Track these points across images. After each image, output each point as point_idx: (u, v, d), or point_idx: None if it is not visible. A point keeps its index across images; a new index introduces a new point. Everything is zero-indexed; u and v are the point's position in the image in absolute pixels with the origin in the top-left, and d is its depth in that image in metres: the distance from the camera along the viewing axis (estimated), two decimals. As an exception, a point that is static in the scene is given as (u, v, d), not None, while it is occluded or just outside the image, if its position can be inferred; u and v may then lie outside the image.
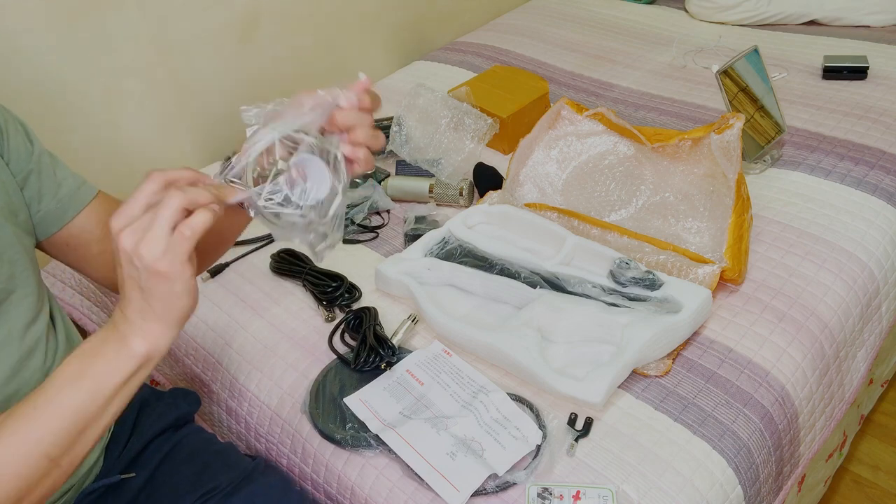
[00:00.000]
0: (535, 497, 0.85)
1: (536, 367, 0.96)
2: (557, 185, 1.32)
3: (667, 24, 1.98)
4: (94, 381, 0.62)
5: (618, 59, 1.84)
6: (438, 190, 1.36)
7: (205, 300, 1.23)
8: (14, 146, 0.80)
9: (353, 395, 1.00)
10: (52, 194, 0.83)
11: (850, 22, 1.84)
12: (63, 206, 0.84)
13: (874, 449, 1.55)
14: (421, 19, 2.07)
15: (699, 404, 0.96)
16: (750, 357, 1.01)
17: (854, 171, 1.33)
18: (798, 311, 1.08)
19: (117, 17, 1.43)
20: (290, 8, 1.72)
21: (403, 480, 0.91)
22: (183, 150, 1.63)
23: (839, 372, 1.10)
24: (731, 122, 1.15)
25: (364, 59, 1.95)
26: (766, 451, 0.95)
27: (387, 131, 1.49)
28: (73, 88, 1.42)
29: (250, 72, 1.69)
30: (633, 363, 0.97)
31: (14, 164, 0.80)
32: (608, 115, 1.28)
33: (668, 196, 1.23)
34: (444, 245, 1.21)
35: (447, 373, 1.01)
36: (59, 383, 0.62)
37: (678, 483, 0.86)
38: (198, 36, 1.58)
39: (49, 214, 0.83)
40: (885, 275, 1.18)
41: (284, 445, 1.02)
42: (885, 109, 1.49)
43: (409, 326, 1.07)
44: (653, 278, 1.06)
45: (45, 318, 0.81)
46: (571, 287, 1.09)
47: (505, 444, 0.90)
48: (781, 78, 1.64)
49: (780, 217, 1.24)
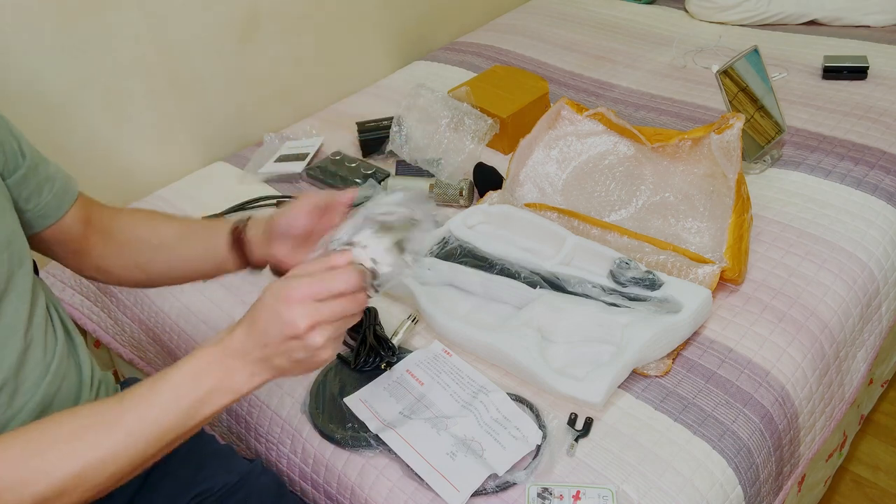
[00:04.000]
0: (535, 497, 0.85)
1: (536, 367, 0.96)
2: (557, 185, 1.32)
3: (667, 24, 1.98)
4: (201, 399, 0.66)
5: (618, 59, 1.84)
6: (438, 190, 1.36)
7: (205, 300, 1.23)
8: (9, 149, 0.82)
9: (353, 395, 1.00)
10: (49, 188, 0.84)
11: (850, 22, 1.84)
12: (58, 200, 0.86)
13: (874, 449, 1.55)
14: (421, 19, 2.07)
15: (699, 404, 0.96)
16: (750, 357, 1.01)
17: (854, 171, 1.33)
18: (798, 311, 1.08)
19: (117, 17, 1.43)
20: (290, 8, 1.72)
21: (403, 480, 0.91)
22: (183, 150, 1.63)
23: (839, 372, 1.10)
24: (731, 122, 1.15)
25: (364, 60, 1.95)
26: (766, 451, 0.95)
27: (387, 131, 1.49)
28: (73, 88, 1.42)
29: (250, 72, 1.69)
30: (633, 363, 0.97)
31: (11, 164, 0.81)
32: (608, 115, 1.28)
33: (668, 196, 1.23)
34: (444, 245, 1.21)
35: (447, 373, 1.01)
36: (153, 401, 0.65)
37: (678, 483, 0.86)
38: (198, 36, 1.58)
39: (48, 207, 0.84)
40: (885, 275, 1.18)
41: (284, 445, 1.02)
42: (885, 109, 1.49)
43: (409, 326, 1.07)
44: (653, 278, 1.06)
45: (43, 311, 0.82)
46: (571, 287, 1.09)
47: (505, 444, 0.90)
48: (781, 78, 1.64)
49: (780, 217, 1.24)
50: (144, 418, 0.65)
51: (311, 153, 1.55)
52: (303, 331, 0.65)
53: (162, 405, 0.65)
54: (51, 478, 0.62)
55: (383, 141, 1.51)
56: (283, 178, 1.51)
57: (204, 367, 0.67)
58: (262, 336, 0.67)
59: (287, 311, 0.65)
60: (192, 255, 0.91)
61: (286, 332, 0.65)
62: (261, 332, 0.67)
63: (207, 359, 0.67)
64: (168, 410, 0.65)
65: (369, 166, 1.48)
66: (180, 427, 0.66)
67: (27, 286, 0.79)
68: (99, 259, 0.91)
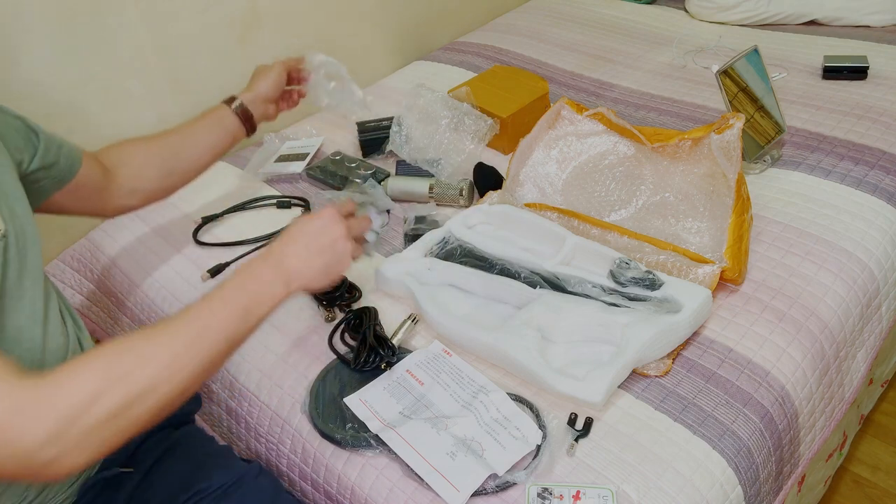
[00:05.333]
0: (535, 497, 0.85)
1: (536, 367, 0.96)
2: (557, 185, 1.32)
3: (667, 24, 1.98)
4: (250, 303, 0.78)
5: (618, 59, 1.84)
6: (438, 190, 1.36)
7: (205, 300, 1.23)
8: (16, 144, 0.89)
9: (353, 395, 1.00)
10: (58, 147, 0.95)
11: (850, 22, 1.84)
12: (70, 157, 0.97)
13: (874, 449, 1.55)
14: (421, 19, 2.07)
15: (699, 404, 0.96)
16: (750, 357, 1.01)
17: (854, 171, 1.33)
18: (798, 311, 1.08)
19: (117, 17, 1.43)
20: (290, 8, 1.72)
21: (403, 480, 0.91)
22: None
23: (839, 372, 1.10)
24: (731, 122, 1.15)
25: (364, 60, 1.95)
26: (766, 451, 0.95)
27: (387, 131, 1.49)
28: (73, 88, 1.42)
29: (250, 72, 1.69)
30: (633, 363, 0.97)
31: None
32: (608, 115, 1.28)
33: (668, 196, 1.23)
34: (444, 245, 1.21)
35: (447, 373, 1.01)
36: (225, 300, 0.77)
37: (678, 483, 0.86)
38: (198, 36, 1.58)
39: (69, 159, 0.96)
40: (885, 275, 1.18)
41: (284, 445, 1.02)
42: (885, 109, 1.49)
43: (409, 326, 1.07)
44: (653, 278, 1.06)
45: (56, 299, 0.87)
46: (571, 287, 1.09)
47: (505, 444, 0.90)
48: (781, 78, 1.64)
49: (780, 217, 1.24)
50: (204, 327, 0.74)
51: (311, 153, 1.55)
52: (342, 243, 0.86)
53: (216, 313, 0.75)
54: (147, 368, 0.68)
55: (383, 141, 1.51)
56: (284, 178, 1.51)
57: (246, 283, 0.79)
58: (297, 238, 0.85)
59: (319, 215, 0.87)
60: (211, 140, 1.15)
61: (324, 236, 0.86)
62: (295, 236, 0.85)
63: (249, 274, 0.80)
64: (223, 318, 0.75)
65: (369, 166, 1.48)
66: (237, 329, 0.76)
67: (40, 272, 0.83)
68: (129, 181, 1.06)
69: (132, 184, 1.07)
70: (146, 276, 1.30)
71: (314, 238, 0.85)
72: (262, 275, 0.80)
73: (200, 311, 0.74)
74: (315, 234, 0.85)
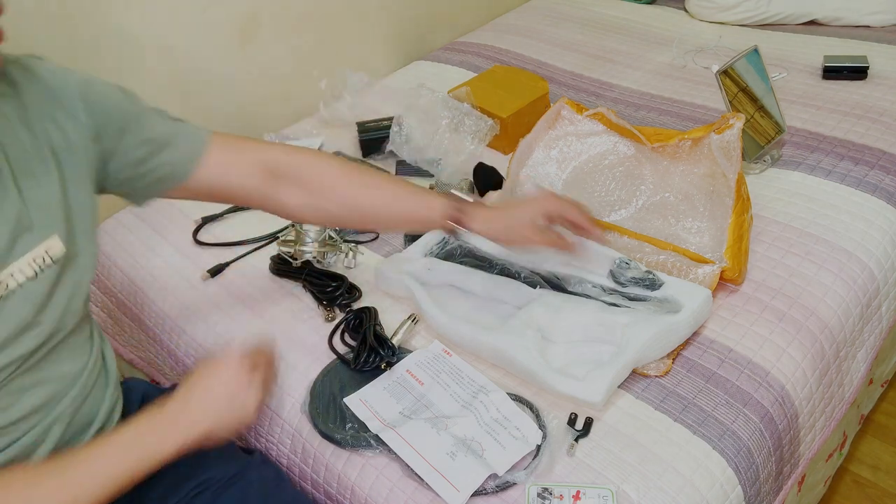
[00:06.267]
0: (535, 497, 0.85)
1: (536, 367, 0.96)
2: (557, 185, 1.32)
3: (667, 24, 1.98)
4: (144, 453, 0.76)
5: (618, 59, 1.84)
6: (439, 190, 1.36)
7: (205, 300, 1.23)
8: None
9: (353, 395, 1.00)
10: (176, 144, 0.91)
11: (850, 22, 1.84)
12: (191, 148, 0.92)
13: (874, 449, 1.54)
14: (421, 19, 2.07)
15: (699, 404, 0.96)
16: (750, 357, 1.01)
17: (854, 171, 1.33)
18: (798, 311, 1.08)
19: (117, 18, 1.43)
20: (290, 8, 1.72)
21: (403, 480, 0.91)
22: (183, 150, 1.63)
23: (839, 372, 1.10)
24: (731, 122, 1.15)
25: (364, 60, 1.95)
26: (766, 452, 0.95)
27: (387, 131, 1.49)
28: (73, 88, 1.41)
29: (250, 72, 1.69)
30: (633, 363, 0.97)
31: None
32: (608, 115, 1.28)
33: (668, 196, 1.23)
34: (444, 245, 1.21)
35: (447, 373, 1.01)
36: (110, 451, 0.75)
37: (678, 483, 0.86)
38: (198, 36, 1.58)
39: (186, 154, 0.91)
40: (885, 275, 1.18)
41: (284, 445, 1.02)
42: (885, 109, 1.49)
43: (409, 326, 1.07)
44: (653, 278, 1.06)
45: (98, 350, 0.89)
46: (571, 287, 1.09)
47: (505, 444, 0.90)
48: (781, 78, 1.64)
49: (780, 217, 1.24)
50: (96, 473, 0.73)
51: (311, 153, 1.55)
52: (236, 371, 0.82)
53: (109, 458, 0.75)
54: None
55: (383, 141, 1.51)
56: (283, 178, 1.51)
57: (143, 431, 0.78)
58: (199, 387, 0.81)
59: (225, 364, 0.82)
60: (405, 218, 1.04)
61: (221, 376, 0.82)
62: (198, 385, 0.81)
63: (147, 422, 0.78)
64: (115, 464, 0.74)
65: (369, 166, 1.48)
66: (130, 476, 0.75)
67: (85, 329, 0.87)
68: (299, 210, 0.98)
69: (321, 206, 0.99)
70: (146, 276, 1.30)
71: (216, 388, 0.81)
72: (159, 424, 0.78)
73: (94, 458, 0.74)
74: (217, 385, 0.82)
